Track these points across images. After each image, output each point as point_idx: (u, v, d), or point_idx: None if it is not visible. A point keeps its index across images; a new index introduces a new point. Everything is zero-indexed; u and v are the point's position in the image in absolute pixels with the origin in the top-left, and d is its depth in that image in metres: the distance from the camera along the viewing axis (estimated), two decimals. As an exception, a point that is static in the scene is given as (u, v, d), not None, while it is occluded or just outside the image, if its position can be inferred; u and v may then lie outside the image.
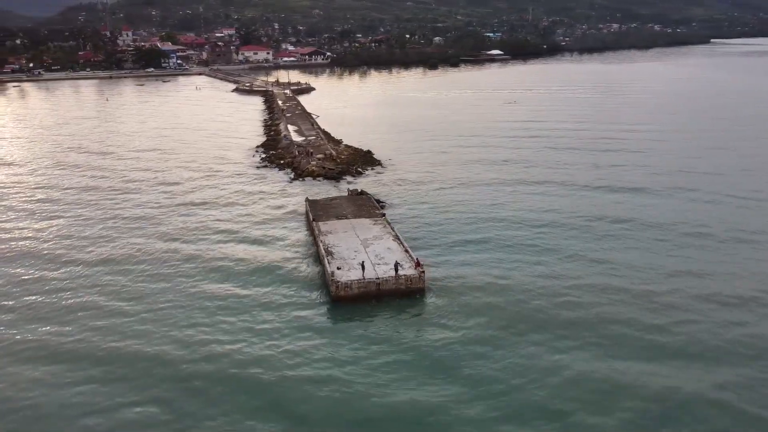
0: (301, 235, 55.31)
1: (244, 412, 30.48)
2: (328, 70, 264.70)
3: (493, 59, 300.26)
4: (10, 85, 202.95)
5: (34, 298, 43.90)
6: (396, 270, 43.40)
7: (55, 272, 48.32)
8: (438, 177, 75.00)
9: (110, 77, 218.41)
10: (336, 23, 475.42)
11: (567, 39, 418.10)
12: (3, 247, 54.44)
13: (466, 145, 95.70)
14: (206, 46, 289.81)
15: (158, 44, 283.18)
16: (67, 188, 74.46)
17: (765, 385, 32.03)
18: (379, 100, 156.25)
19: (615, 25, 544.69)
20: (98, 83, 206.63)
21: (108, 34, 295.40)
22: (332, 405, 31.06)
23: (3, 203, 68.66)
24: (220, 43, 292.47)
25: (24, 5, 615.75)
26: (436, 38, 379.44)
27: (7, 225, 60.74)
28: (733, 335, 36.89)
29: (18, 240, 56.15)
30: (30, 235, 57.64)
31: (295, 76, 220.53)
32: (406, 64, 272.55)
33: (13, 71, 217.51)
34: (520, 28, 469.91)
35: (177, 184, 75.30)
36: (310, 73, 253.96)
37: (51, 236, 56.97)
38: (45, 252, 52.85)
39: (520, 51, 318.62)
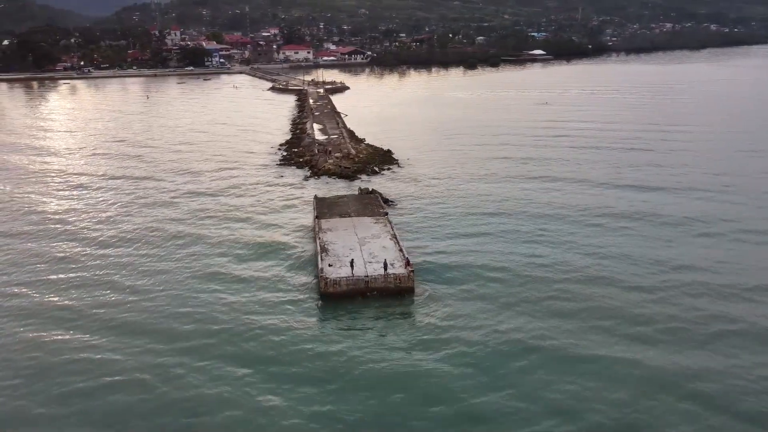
0: (304, 231, 56.26)
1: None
2: (367, 70, 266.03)
3: (534, 59, 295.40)
4: (61, 82, 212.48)
5: (45, 266, 48.73)
6: (385, 268, 43.79)
7: (79, 243, 54.46)
8: (452, 177, 74.93)
9: (155, 75, 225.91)
10: (381, 23, 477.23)
11: (614, 39, 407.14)
12: (41, 222, 61.24)
13: (488, 144, 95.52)
14: (248, 45, 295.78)
15: (203, 43, 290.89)
16: (100, 174, 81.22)
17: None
18: (410, 100, 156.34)
19: (668, 25, 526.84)
20: (143, 81, 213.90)
21: (157, 33, 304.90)
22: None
23: (41, 185, 75.87)
24: (261, 43, 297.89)
25: (83, 5, 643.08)
26: (479, 38, 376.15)
27: (48, 202, 68.35)
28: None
29: (53, 216, 63.37)
30: (56, 213, 62.85)
31: (333, 75, 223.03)
32: (446, 63, 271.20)
33: (65, 69, 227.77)
34: (568, 28, 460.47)
35: (198, 175, 79.20)
36: (350, 72, 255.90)
37: (80, 213, 63.85)
38: (73, 227, 59.50)
39: (563, 51, 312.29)
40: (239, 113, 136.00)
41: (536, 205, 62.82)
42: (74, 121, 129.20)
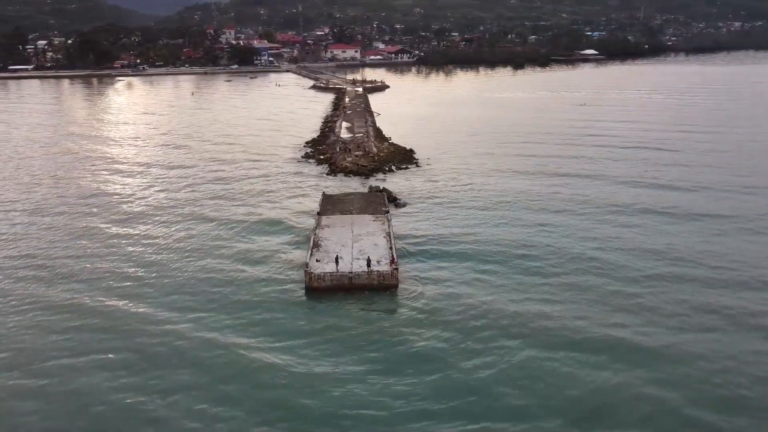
0: (305, 226, 57.35)
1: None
2: (414, 69, 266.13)
3: (586, 59, 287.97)
4: (117, 78, 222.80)
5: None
6: (368, 265, 44.40)
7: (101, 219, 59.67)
8: (467, 178, 74.53)
9: (205, 73, 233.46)
10: (435, 21, 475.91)
11: (674, 38, 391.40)
12: (80, 197, 69.82)
13: (513, 145, 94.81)
14: (297, 44, 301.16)
15: (255, 42, 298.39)
16: (135, 162, 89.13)
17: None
18: (448, 100, 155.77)
19: (737, 24, 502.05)
20: (194, 78, 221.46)
21: (212, 32, 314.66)
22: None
23: (89, 168, 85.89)
24: (310, 41, 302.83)
25: (149, 5, 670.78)
26: (532, 37, 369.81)
27: (91, 182, 77.76)
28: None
29: (91, 193, 72.29)
30: (94, 191, 72.29)
31: (379, 75, 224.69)
32: (493, 63, 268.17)
33: (122, 66, 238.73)
34: (628, 27, 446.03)
35: (221, 166, 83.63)
36: (396, 71, 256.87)
37: (113, 193, 72.20)
38: (107, 205, 66.22)
39: (617, 51, 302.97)
40: (277, 110, 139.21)
41: (541, 210, 61.75)
42: (123, 114, 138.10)
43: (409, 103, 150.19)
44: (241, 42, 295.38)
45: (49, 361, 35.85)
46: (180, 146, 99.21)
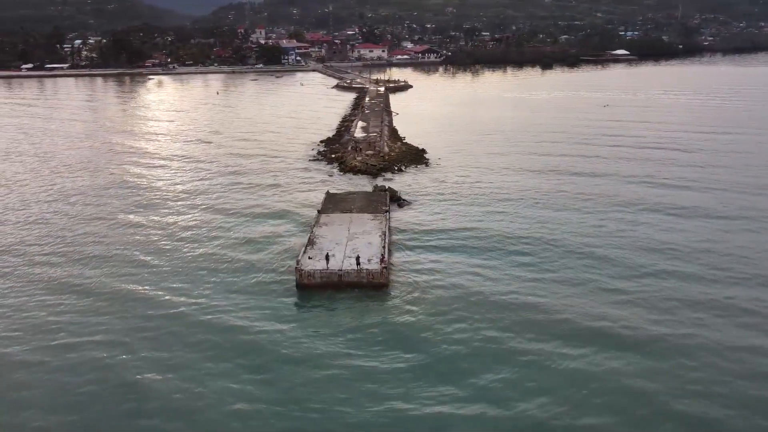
0: (305, 224, 58.12)
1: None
2: (441, 69, 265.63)
3: (617, 60, 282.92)
4: (148, 77, 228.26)
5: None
6: (358, 263, 44.93)
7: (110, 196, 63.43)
8: (474, 179, 74.34)
9: (233, 72, 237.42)
10: (467, 21, 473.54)
11: (711, 38, 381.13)
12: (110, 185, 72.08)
13: (526, 145, 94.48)
14: (324, 44, 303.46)
15: (284, 42, 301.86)
16: (155, 154, 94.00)
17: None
18: (470, 100, 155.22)
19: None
20: (221, 77, 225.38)
21: (242, 31, 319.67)
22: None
23: (116, 158, 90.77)
24: (337, 41, 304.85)
25: (185, 4, 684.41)
26: (563, 36, 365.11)
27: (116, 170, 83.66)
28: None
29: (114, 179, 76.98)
30: (116, 178, 73.23)
31: (405, 74, 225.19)
32: (521, 63, 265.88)
33: (153, 65, 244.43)
34: (665, 27, 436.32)
35: (232, 164, 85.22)
36: (423, 71, 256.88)
37: (133, 180, 77.00)
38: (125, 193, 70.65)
39: (650, 51, 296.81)
40: (297, 109, 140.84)
41: (544, 208, 61.54)
42: (150, 111, 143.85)
43: (429, 103, 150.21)
44: (270, 42, 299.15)
45: (51, 336, 38.32)
46: (200, 141, 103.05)
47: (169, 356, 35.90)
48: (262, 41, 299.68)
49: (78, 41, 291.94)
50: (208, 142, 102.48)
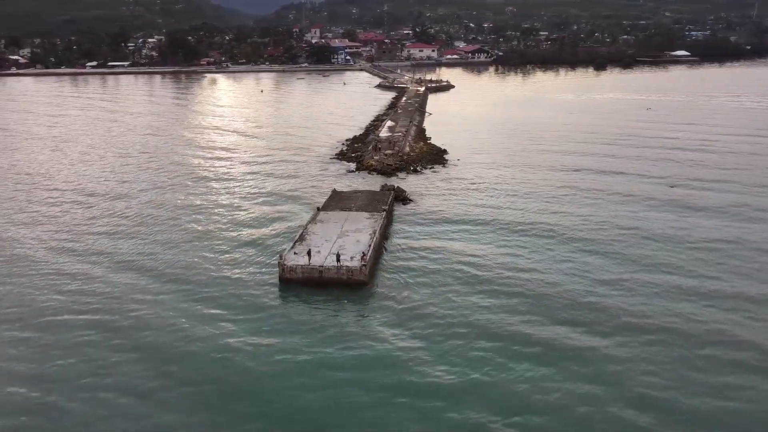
0: (305, 221, 59.66)
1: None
2: (491, 69, 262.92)
3: (677, 61, 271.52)
4: (202, 75, 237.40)
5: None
6: (338, 260, 45.91)
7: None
8: (488, 181, 73.72)
9: (282, 71, 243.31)
10: (527, 20, 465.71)
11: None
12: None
13: (552, 147, 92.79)
14: (374, 43, 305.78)
15: (337, 41, 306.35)
16: (192, 143, 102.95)
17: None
18: (511, 101, 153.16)
19: None
20: (271, 76, 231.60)
21: (297, 31, 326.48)
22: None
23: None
24: (387, 40, 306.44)
25: (250, 4, 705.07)
26: (624, 36, 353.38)
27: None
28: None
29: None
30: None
31: (454, 74, 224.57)
32: (574, 63, 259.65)
33: (207, 63, 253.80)
34: (738, 26, 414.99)
35: (257, 158, 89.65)
36: (472, 71, 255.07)
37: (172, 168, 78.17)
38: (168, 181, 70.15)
39: (714, 52, 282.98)
40: (335, 108, 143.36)
41: (547, 214, 60.58)
42: (201, 106, 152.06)
43: (468, 104, 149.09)
44: (322, 41, 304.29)
45: (43, 317, 41.24)
46: (238, 134, 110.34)
47: (141, 338, 38.09)
48: (315, 41, 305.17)
49: (140, 40, 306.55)
50: (248, 135, 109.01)
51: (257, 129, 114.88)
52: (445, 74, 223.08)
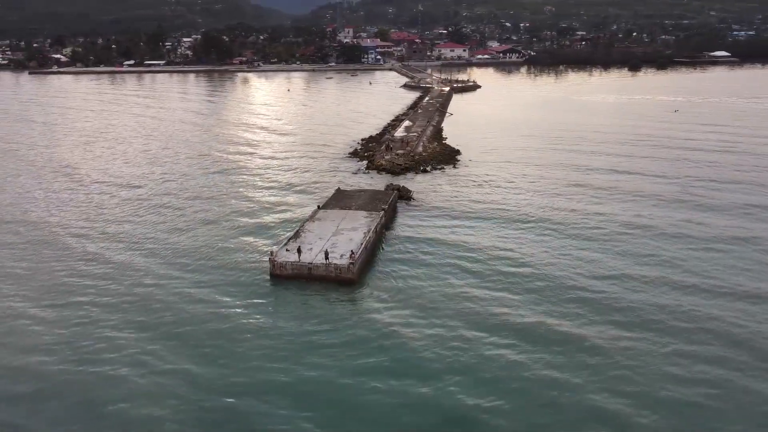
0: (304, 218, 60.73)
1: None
2: (523, 69, 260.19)
3: (716, 61, 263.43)
4: (234, 74, 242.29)
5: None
6: (326, 257, 46.71)
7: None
8: (496, 180, 73.72)
9: (313, 70, 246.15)
10: (564, 20, 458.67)
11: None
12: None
13: (569, 150, 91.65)
14: (404, 43, 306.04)
15: (369, 41, 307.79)
16: (222, 140, 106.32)
17: None
18: (538, 102, 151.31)
19: None
20: (302, 75, 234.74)
21: (331, 30, 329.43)
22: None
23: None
24: (418, 40, 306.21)
25: (288, 4, 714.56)
26: (663, 36, 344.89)
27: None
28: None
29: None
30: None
31: (485, 74, 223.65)
32: (607, 64, 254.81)
33: (240, 62, 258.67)
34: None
35: (273, 155, 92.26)
36: (503, 71, 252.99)
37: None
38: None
39: (758, 52, 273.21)
40: (358, 107, 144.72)
41: (550, 218, 60.01)
42: (231, 103, 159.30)
43: (492, 105, 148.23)
44: (356, 41, 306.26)
45: (57, 296, 44.17)
46: (261, 130, 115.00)
47: (146, 317, 40.60)
48: (347, 40, 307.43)
49: (176, 40, 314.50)
50: (270, 130, 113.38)
51: (280, 126, 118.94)
52: (475, 74, 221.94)
